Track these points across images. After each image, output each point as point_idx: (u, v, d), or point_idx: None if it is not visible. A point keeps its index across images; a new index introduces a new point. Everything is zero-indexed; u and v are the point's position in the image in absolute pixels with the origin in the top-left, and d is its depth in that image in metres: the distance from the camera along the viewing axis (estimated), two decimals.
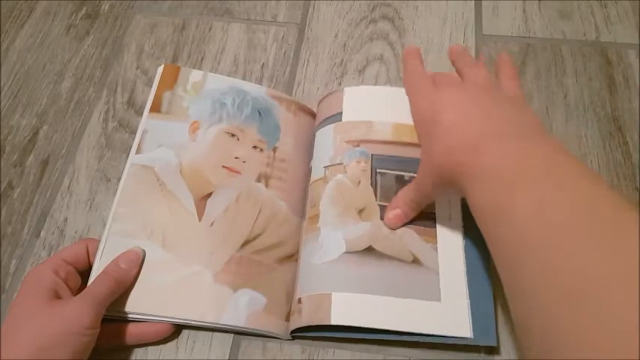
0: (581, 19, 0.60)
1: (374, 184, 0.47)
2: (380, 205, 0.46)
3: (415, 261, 0.44)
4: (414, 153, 0.48)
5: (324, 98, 0.53)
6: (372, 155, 0.48)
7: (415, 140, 0.48)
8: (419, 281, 0.43)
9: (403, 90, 0.53)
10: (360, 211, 0.46)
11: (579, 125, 0.54)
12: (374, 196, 0.46)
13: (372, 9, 0.63)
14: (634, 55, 0.57)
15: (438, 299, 0.42)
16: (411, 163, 0.48)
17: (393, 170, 0.48)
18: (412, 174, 0.47)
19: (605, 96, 0.55)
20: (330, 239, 0.45)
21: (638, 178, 0.50)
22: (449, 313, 0.41)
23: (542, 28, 0.60)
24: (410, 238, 0.44)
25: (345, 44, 0.61)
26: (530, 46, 0.59)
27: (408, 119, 0.49)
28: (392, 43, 0.60)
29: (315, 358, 0.44)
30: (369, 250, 0.44)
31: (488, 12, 0.62)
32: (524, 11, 0.61)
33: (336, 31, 0.62)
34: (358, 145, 0.49)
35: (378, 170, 0.48)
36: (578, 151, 0.52)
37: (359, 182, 0.47)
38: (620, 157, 0.52)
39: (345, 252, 0.44)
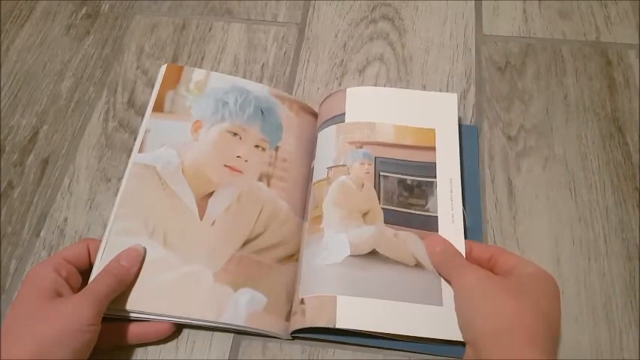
0: (581, 19, 0.60)
1: (377, 187, 0.47)
2: (383, 209, 0.46)
3: (418, 265, 0.44)
4: (415, 156, 0.48)
5: (326, 99, 0.53)
6: (375, 158, 0.48)
7: (417, 143, 0.49)
8: (421, 285, 0.43)
9: (404, 91, 0.53)
10: (364, 215, 0.46)
11: (579, 125, 0.54)
12: (377, 200, 0.46)
13: (372, 9, 0.63)
14: (634, 55, 0.57)
15: (440, 304, 0.42)
16: (413, 167, 0.48)
17: (396, 173, 0.48)
18: (414, 178, 0.47)
19: (605, 96, 0.55)
20: (335, 241, 0.45)
21: (638, 178, 0.50)
22: (450, 317, 0.41)
23: (543, 28, 0.60)
24: (413, 241, 0.45)
25: (345, 44, 0.61)
26: (530, 46, 0.59)
27: (409, 121, 0.50)
28: (392, 43, 0.60)
29: (315, 358, 0.44)
30: (373, 254, 0.44)
31: (489, 12, 0.62)
32: (524, 11, 0.61)
33: (336, 31, 0.62)
34: (361, 147, 0.49)
35: (381, 173, 0.48)
36: (578, 151, 0.52)
37: (362, 185, 0.47)
38: (620, 157, 0.52)
39: (351, 255, 0.44)
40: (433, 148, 0.49)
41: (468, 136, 0.52)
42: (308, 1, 0.64)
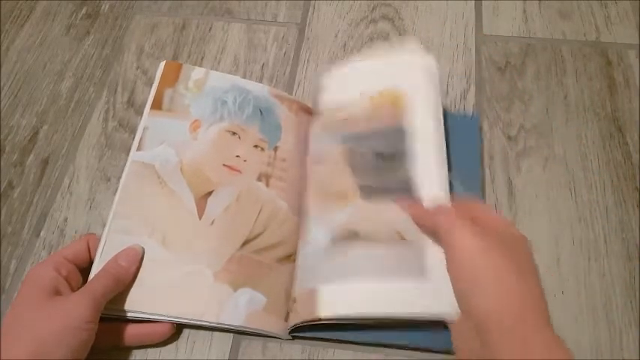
0: (581, 19, 0.60)
1: (352, 165, 0.46)
2: (360, 185, 0.45)
3: (401, 238, 0.42)
4: (390, 122, 0.47)
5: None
6: (348, 135, 0.48)
7: (391, 110, 0.47)
8: (404, 259, 0.41)
9: (376, 60, 0.52)
10: (341, 196, 0.45)
11: (579, 125, 0.54)
12: (353, 178, 0.46)
13: (372, 9, 0.63)
14: (634, 55, 0.57)
15: (423, 275, 0.40)
16: (388, 135, 0.47)
17: (371, 145, 0.47)
18: (389, 148, 0.46)
19: (605, 96, 0.55)
20: (317, 232, 0.45)
21: (638, 178, 0.50)
22: (435, 290, 0.38)
23: (542, 28, 0.60)
24: (394, 214, 0.43)
25: (345, 44, 0.61)
26: (530, 46, 0.59)
27: (382, 87, 0.49)
28: (392, 44, 0.60)
29: (315, 358, 0.44)
30: (355, 236, 0.43)
31: (489, 12, 0.62)
32: (524, 11, 0.61)
33: (336, 31, 0.62)
34: (335, 130, 0.48)
35: (355, 150, 0.47)
36: (578, 151, 0.52)
37: (337, 167, 0.47)
38: (620, 157, 0.52)
39: (331, 242, 0.43)
40: (408, 113, 0.47)
41: (468, 129, 0.52)
42: (308, 1, 0.64)
